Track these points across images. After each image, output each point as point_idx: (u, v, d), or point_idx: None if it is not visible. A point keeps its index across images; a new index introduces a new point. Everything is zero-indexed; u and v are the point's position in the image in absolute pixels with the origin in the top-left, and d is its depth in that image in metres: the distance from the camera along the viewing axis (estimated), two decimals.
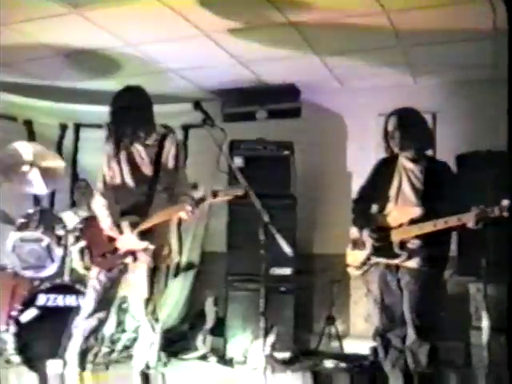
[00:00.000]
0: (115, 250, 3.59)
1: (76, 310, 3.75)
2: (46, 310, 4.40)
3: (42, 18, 4.46)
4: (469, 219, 3.25)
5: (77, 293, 4.46)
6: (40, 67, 5.52)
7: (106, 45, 5.02)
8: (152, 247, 3.56)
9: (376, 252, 3.65)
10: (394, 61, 5.24)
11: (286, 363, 5.05)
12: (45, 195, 5.81)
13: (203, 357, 5.34)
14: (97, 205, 3.67)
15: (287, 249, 3.23)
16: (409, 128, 3.64)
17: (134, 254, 3.57)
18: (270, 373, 4.37)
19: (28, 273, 4.90)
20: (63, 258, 4.81)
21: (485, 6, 4.09)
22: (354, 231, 3.82)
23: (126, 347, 4.87)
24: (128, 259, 3.58)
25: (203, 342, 5.40)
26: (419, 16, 4.31)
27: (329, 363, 4.97)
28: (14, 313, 4.38)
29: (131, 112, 3.63)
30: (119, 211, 3.62)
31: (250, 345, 5.03)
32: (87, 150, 6.40)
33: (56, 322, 4.30)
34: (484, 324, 3.41)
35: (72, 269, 4.81)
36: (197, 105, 3.64)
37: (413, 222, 3.50)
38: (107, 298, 3.65)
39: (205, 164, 6.02)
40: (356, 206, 3.94)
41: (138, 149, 3.69)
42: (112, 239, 3.60)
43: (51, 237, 4.84)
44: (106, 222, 3.58)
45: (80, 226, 4.82)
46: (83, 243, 4.85)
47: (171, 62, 5.45)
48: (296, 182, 5.60)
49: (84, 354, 3.59)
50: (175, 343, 5.58)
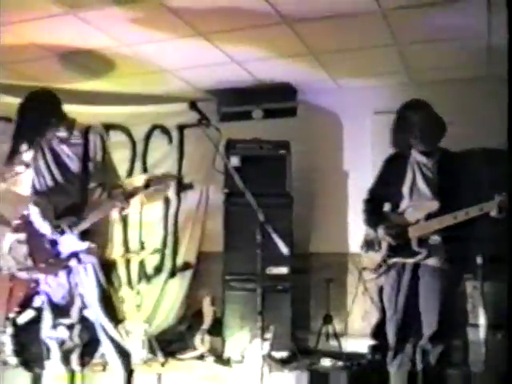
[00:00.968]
0: (58, 254, 3.55)
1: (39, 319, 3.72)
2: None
3: (37, 19, 4.45)
4: (492, 208, 3.12)
5: None
6: (35, 68, 5.52)
7: (102, 45, 5.01)
8: (94, 246, 3.55)
9: (393, 251, 3.52)
10: (390, 60, 5.25)
11: (284, 362, 5.05)
12: None
13: (201, 356, 5.35)
14: (33, 214, 3.63)
15: (284, 248, 3.22)
16: (421, 121, 3.54)
17: (78, 256, 3.55)
18: (268, 372, 4.39)
19: (24, 274, 4.88)
20: None
21: (480, 5, 4.10)
22: (368, 232, 3.70)
23: None
24: (72, 261, 3.56)
25: (201, 342, 5.40)
26: (415, 14, 4.31)
27: (326, 362, 4.97)
28: (11, 314, 4.37)
29: (37, 115, 3.61)
30: (55, 214, 3.59)
31: (248, 344, 5.03)
32: None
33: None
34: (481, 321, 3.42)
35: None
36: (192, 105, 3.64)
37: (430, 217, 3.38)
38: (64, 303, 3.63)
39: (201, 164, 6.05)
40: (368, 206, 3.80)
41: (63, 148, 3.68)
42: (54, 243, 3.57)
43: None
44: (46, 228, 3.56)
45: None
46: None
47: (167, 62, 5.44)
48: (292, 182, 5.60)
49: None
50: (173, 343, 5.59)
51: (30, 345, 4.27)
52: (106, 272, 3.64)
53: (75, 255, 3.55)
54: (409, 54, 5.14)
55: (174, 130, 6.35)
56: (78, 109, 6.26)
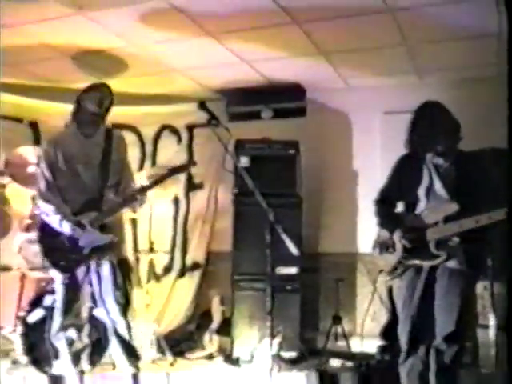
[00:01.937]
0: (79, 251, 3.56)
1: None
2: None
3: (48, 20, 4.47)
4: None
5: None
6: (45, 68, 5.54)
7: (112, 45, 5.03)
8: (116, 238, 3.58)
9: (409, 254, 3.45)
10: (400, 59, 5.23)
11: (293, 362, 5.06)
12: None
13: (210, 356, 5.36)
14: (45, 211, 3.62)
15: (293, 248, 3.21)
16: (437, 122, 3.47)
17: (98, 251, 3.57)
18: (277, 372, 4.39)
19: (35, 274, 4.92)
20: None
21: (490, 4, 4.08)
22: (382, 234, 3.62)
23: None
24: (93, 257, 3.58)
25: (210, 342, 5.41)
26: (424, 14, 4.30)
27: (335, 362, 4.96)
28: (22, 313, 4.40)
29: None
30: (72, 210, 3.62)
31: (257, 344, 5.03)
32: None
33: None
34: (491, 322, 3.39)
35: None
36: (202, 105, 3.65)
37: (448, 220, 3.31)
38: (75, 302, 3.67)
39: (210, 164, 6.06)
40: (381, 208, 3.72)
41: (90, 146, 3.73)
42: (73, 240, 3.57)
43: None
44: (65, 225, 3.56)
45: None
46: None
47: (176, 62, 5.45)
48: (301, 181, 5.59)
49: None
50: (181, 343, 5.60)
51: (40, 344, 4.29)
52: (122, 270, 3.68)
53: (96, 250, 3.57)
54: (418, 54, 5.12)
55: (184, 130, 6.35)
56: None
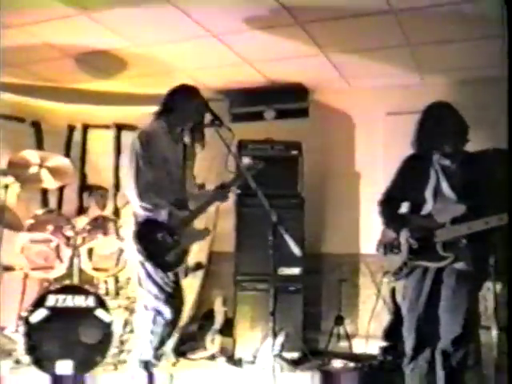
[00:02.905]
0: (177, 248, 3.63)
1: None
2: (56, 311, 4.41)
3: (51, 20, 4.47)
4: None
5: (86, 293, 4.47)
6: (48, 68, 5.55)
7: (115, 46, 5.03)
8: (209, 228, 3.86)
9: (415, 255, 3.44)
10: (402, 60, 5.22)
11: (295, 363, 5.04)
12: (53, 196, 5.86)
13: (212, 357, 5.35)
14: (158, 210, 3.60)
15: (295, 248, 3.21)
16: (445, 123, 3.45)
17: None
18: (279, 372, 4.39)
19: (37, 274, 4.92)
20: (72, 259, 4.82)
21: (493, 5, 4.07)
22: (387, 234, 3.61)
23: None
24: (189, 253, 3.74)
25: (212, 342, 5.41)
26: (427, 14, 4.29)
27: (338, 363, 4.97)
28: (24, 313, 4.40)
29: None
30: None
31: (259, 345, 5.03)
32: (95, 151, 6.41)
33: (65, 323, 4.35)
34: (493, 324, 3.38)
35: (80, 269, 4.84)
36: (205, 105, 3.65)
37: (456, 221, 3.30)
38: (179, 299, 3.77)
39: (212, 164, 6.05)
40: (386, 209, 3.69)
41: (176, 145, 3.93)
42: (173, 237, 3.61)
43: (60, 237, 4.86)
44: (175, 221, 3.61)
45: (88, 228, 4.88)
46: (92, 244, 4.89)
47: (178, 63, 5.45)
48: (304, 182, 5.59)
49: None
50: (184, 343, 5.59)
51: (43, 344, 4.29)
52: None
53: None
54: (421, 55, 5.11)
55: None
56: (91, 109, 6.33)
